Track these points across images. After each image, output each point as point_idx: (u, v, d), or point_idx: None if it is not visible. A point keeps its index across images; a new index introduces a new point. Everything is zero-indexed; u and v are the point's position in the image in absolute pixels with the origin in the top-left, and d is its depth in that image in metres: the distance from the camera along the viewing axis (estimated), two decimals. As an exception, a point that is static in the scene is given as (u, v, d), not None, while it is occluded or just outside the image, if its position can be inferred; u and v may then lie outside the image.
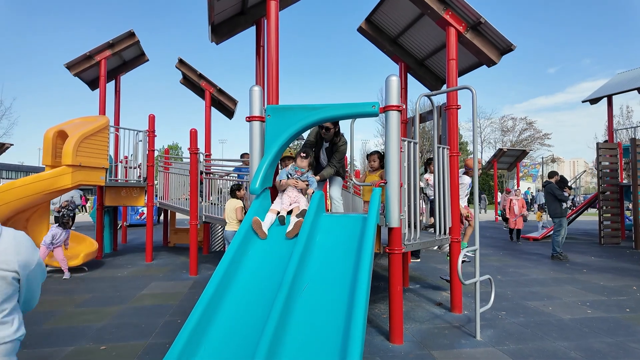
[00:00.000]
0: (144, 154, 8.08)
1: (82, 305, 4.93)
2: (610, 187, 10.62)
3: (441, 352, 3.54)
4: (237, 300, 2.99)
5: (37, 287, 1.69)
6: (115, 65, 9.50)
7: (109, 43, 8.26)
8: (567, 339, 3.86)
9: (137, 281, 6.15)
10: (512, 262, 7.95)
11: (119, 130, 8.42)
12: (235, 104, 10.34)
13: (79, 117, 7.63)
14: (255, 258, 3.34)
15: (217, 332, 2.78)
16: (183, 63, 9.42)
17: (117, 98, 10.06)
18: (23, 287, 1.59)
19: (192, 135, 6.70)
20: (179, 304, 5.04)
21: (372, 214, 3.31)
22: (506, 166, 18.67)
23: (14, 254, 1.50)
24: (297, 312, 2.78)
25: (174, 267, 7.36)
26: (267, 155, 3.86)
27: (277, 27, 4.28)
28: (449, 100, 4.79)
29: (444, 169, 4.69)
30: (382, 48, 6.23)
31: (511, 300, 5.17)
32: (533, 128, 38.32)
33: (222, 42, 5.71)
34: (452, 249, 4.79)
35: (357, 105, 3.69)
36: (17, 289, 1.56)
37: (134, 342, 3.75)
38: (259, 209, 3.78)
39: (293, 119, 3.79)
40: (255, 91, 4.00)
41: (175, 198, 8.59)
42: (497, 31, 4.70)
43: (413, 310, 4.77)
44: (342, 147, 4.66)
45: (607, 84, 11.47)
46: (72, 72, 8.29)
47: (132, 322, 4.29)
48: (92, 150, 6.89)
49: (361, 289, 2.66)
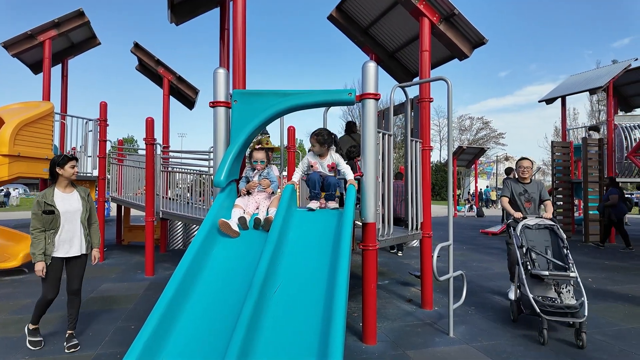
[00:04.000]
0: (94, 144, 7.42)
1: (19, 312, 4.38)
2: (563, 183, 11.15)
3: (416, 352, 3.42)
4: (202, 303, 2.69)
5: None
6: (62, 47, 8.71)
7: (54, 22, 7.49)
8: (536, 329, 3.86)
9: (85, 283, 5.51)
10: (475, 257, 8.10)
11: (66, 118, 7.70)
12: (196, 93, 9.79)
13: (18, 102, 6.86)
14: (221, 257, 3.04)
15: (178, 340, 2.46)
16: (139, 48, 8.75)
17: (64, 83, 9.24)
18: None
19: (148, 124, 6.20)
20: (134, 307, 4.61)
21: (349, 208, 3.11)
22: (465, 163, 19.26)
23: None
24: (269, 316, 2.52)
25: (127, 267, 6.83)
26: (233, 144, 3.54)
27: (244, 5, 3.96)
28: (421, 92, 4.69)
29: (417, 162, 4.58)
30: (352, 38, 6.06)
31: (479, 295, 5.19)
32: (489, 127, 40.03)
33: (183, 23, 5.28)
34: (424, 245, 4.71)
35: (332, 92, 3.46)
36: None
37: (79, 354, 3.33)
38: (224, 203, 3.46)
39: (262, 106, 3.50)
40: (220, 74, 3.66)
41: (129, 193, 7.99)
42: (470, 24, 4.65)
43: (384, 307, 4.65)
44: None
45: (560, 86, 12.02)
46: (11, 53, 7.46)
47: (78, 330, 3.82)
48: (34, 138, 6.20)
49: (340, 288, 2.45)
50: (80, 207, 3.41)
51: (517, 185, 4.80)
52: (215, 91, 3.69)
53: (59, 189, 3.38)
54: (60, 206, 3.30)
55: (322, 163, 3.65)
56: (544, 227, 4.23)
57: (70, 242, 3.36)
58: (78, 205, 3.40)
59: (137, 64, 9.33)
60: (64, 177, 3.36)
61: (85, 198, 3.46)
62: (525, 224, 4.22)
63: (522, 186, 4.76)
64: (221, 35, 5.34)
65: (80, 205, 3.41)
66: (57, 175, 3.35)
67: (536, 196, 4.72)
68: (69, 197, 3.39)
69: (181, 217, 6.13)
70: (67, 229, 3.34)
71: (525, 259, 3.95)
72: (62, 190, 3.39)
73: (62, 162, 3.33)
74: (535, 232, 4.21)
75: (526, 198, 4.73)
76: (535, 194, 4.72)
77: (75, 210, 3.37)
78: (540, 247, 4.12)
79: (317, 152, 3.66)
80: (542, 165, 33.90)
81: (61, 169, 3.33)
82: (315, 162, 3.65)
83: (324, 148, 3.62)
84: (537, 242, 4.14)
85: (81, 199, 3.43)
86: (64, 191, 3.39)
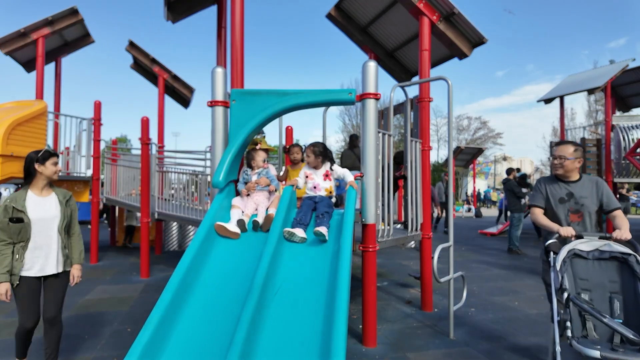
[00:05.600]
0: (88, 144, 7.32)
1: (13, 315, 4.28)
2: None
3: (417, 354, 3.38)
4: (201, 305, 2.62)
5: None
6: (56, 45, 8.56)
7: (47, 20, 7.35)
8: (537, 334, 3.84)
9: (80, 285, 5.41)
10: (474, 257, 8.07)
11: (59, 117, 7.58)
12: (191, 91, 9.70)
13: (10, 101, 6.75)
14: (220, 258, 2.97)
15: (178, 343, 2.40)
16: (134, 46, 8.65)
17: (58, 82, 9.10)
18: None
19: (143, 123, 6.12)
20: (129, 310, 4.54)
21: (350, 209, 3.05)
22: (463, 163, 19.26)
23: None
24: (270, 318, 2.46)
25: (122, 269, 6.74)
26: (231, 144, 3.47)
27: (242, 3, 3.89)
28: (421, 92, 4.65)
29: (416, 163, 4.54)
30: (351, 37, 6.00)
31: (478, 296, 5.15)
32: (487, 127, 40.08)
33: (179, 21, 5.20)
34: (423, 246, 4.67)
35: (332, 92, 3.41)
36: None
37: (75, 357, 3.26)
38: (223, 203, 3.40)
39: (261, 105, 3.44)
40: (218, 73, 3.60)
41: (124, 193, 7.89)
42: (470, 23, 4.62)
43: (384, 309, 4.60)
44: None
45: (559, 85, 12.02)
46: (3, 51, 7.33)
47: (74, 333, 3.75)
48: (27, 138, 6.09)
49: (342, 290, 2.39)
50: (58, 213, 2.79)
51: (557, 185, 2.93)
52: (214, 90, 3.62)
53: (34, 192, 2.77)
54: (32, 213, 2.69)
55: (317, 173, 3.54)
56: (609, 256, 2.48)
57: (46, 257, 2.75)
58: (55, 212, 2.79)
59: (132, 62, 9.23)
60: (44, 176, 2.77)
61: (64, 203, 2.84)
62: (575, 248, 2.54)
63: (565, 187, 2.90)
64: (218, 33, 5.26)
65: (58, 212, 2.79)
66: (34, 174, 2.75)
67: (591, 203, 2.82)
68: (44, 201, 2.78)
69: (177, 218, 6.05)
70: (41, 241, 2.72)
71: (566, 317, 2.28)
72: (38, 193, 2.78)
73: (42, 158, 2.75)
74: (594, 266, 2.51)
75: (572, 207, 2.86)
76: (589, 199, 2.82)
77: (51, 218, 2.76)
78: (600, 293, 2.43)
79: (312, 164, 3.53)
80: (541, 165, 34.03)
81: (41, 165, 2.74)
82: (311, 172, 3.55)
83: (318, 159, 3.51)
84: (593, 284, 2.46)
85: (59, 204, 2.81)
86: (40, 194, 2.78)
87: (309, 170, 3.56)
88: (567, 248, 2.53)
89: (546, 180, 3.02)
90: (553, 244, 2.61)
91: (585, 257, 2.52)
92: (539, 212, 2.94)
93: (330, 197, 3.46)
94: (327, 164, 3.57)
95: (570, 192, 2.87)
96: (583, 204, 2.82)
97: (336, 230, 3.09)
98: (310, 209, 3.31)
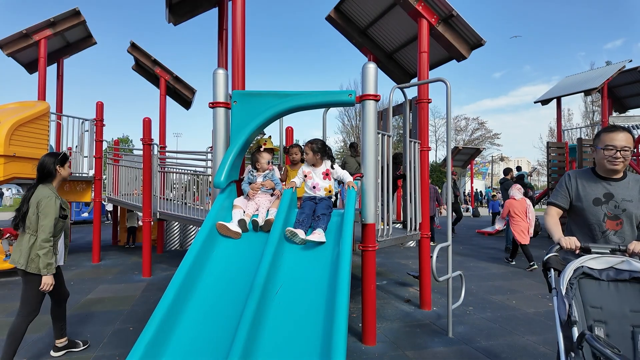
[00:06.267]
0: (90, 145, 7.37)
1: (13, 315, 4.31)
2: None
3: (416, 353, 3.43)
4: (203, 305, 2.67)
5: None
6: (58, 46, 8.61)
7: (49, 21, 7.42)
8: (535, 333, 3.90)
9: (82, 284, 5.56)
10: (471, 257, 8.13)
11: (62, 118, 7.63)
12: (193, 93, 9.75)
13: (13, 102, 6.80)
14: (222, 258, 3.02)
15: (180, 342, 2.45)
16: (136, 47, 8.70)
17: (60, 83, 9.15)
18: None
19: (145, 124, 6.17)
20: (132, 309, 4.58)
21: (349, 209, 3.10)
22: (461, 164, 19.35)
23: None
24: (271, 317, 2.51)
25: (124, 268, 6.78)
26: (233, 145, 3.53)
27: (243, 5, 3.94)
28: (420, 93, 4.70)
29: (415, 163, 4.60)
30: (351, 39, 6.06)
31: (477, 295, 5.21)
32: (484, 128, 40.16)
33: (181, 23, 5.26)
34: (422, 245, 4.72)
35: (332, 93, 3.46)
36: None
37: (77, 356, 3.31)
38: (224, 204, 3.45)
39: (262, 107, 3.49)
40: (219, 74, 3.65)
41: (125, 193, 7.94)
42: (468, 25, 4.67)
43: (383, 307, 4.65)
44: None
45: (556, 87, 12.11)
46: (6, 52, 7.38)
47: (76, 332, 3.80)
48: (30, 139, 6.15)
49: (342, 289, 2.44)
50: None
51: (593, 182, 2.32)
52: (215, 92, 3.67)
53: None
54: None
55: (315, 171, 3.53)
56: (630, 277, 1.87)
57: (61, 249, 3.15)
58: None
59: (134, 63, 9.28)
60: (62, 176, 3.07)
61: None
62: (584, 265, 1.93)
63: (604, 185, 2.29)
64: (219, 35, 5.31)
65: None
66: (54, 174, 3.02)
67: (636, 209, 2.23)
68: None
69: (178, 217, 6.10)
70: (61, 235, 3.11)
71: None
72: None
73: (62, 160, 3.06)
74: (609, 290, 1.89)
75: (611, 211, 2.26)
76: (634, 203, 2.23)
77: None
78: (619, 326, 1.83)
79: (311, 162, 3.53)
80: (538, 165, 34.10)
81: (61, 167, 3.04)
82: (309, 171, 3.54)
83: (317, 157, 3.50)
84: (609, 314, 1.85)
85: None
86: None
87: (308, 169, 3.56)
88: (574, 265, 1.91)
89: (579, 174, 2.37)
90: (553, 259, 2.00)
91: (597, 277, 1.89)
92: (553, 213, 2.38)
93: (329, 197, 3.50)
94: (327, 162, 3.55)
95: (609, 193, 2.25)
96: (625, 208, 2.21)
97: (336, 231, 3.14)
98: (312, 210, 3.34)
